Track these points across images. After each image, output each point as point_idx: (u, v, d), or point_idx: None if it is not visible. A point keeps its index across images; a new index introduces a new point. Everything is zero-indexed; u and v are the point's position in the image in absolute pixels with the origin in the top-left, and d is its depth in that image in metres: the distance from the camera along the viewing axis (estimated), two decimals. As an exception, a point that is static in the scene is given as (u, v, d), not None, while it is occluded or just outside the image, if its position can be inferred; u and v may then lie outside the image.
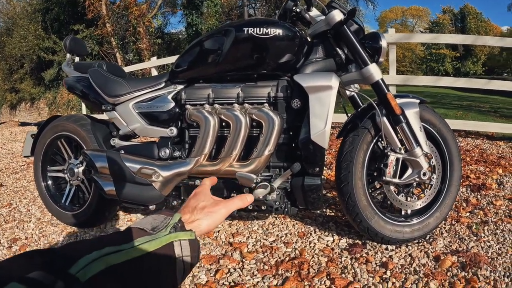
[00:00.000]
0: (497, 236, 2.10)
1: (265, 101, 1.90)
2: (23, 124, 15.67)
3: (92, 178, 2.10)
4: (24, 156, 2.71)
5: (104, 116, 2.41)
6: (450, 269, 1.79)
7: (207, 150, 1.90)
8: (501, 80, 4.95)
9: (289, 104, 1.86)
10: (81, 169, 2.44)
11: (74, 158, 2.51)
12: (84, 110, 10.11)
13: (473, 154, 3.98)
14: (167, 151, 2.04)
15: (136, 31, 14.01)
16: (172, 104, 2.06)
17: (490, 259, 1.86)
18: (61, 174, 2.60)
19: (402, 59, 37.97)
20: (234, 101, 1.93)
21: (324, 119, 1.74)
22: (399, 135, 1.92)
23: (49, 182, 2.65)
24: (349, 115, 2.11)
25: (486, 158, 3.80)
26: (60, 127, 2.47)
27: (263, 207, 1.85)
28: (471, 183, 2.96)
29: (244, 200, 0.80)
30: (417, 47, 39.58)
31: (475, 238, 2.08)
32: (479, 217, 2.35)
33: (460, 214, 2.40)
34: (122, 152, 2.10)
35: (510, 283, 1.68)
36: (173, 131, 2.05)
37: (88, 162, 2.08)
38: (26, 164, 5.20)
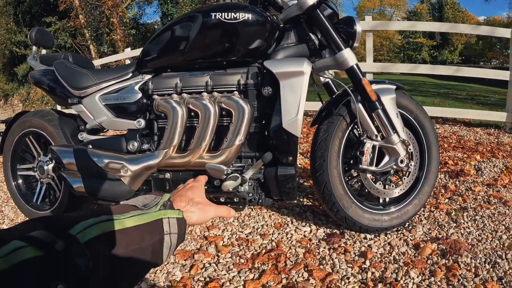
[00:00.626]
0: (476, 222, 2.09)
1: (235, 89, 1.82)
2: (-3, 121, 15.26)
3: (60, 175, 2.03)
4: None
5: (72, 110, 2.31)
6: (430, 257, 1.76)
7: (176, 142, 1.82)
8: (477, 68, 4.99)
9: (260, 91, 1.78)
10: (51, 166, 2.34)
11: (43, 155, 2.41)
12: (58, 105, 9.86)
13: (451, 141, 4.00)
14: (135, 144, 1.96)
15: (109, 22, 13.69)
16: (139, 95, 1.97)
17: (470, 246, 1.84)
18: (31, 172, 2.50)
19: (379, 48, 38.13)
20: (203, 90, 1.84)
21: (296, 106, 1.66)
22: (375, 122, 1.87)
23: (20, 181, 2.55)
24: (324, 102, 2.04)
25: (464, 145, 3.82)
26: (28, 123, 2.38)
27: (235, 199, 1.78)
28: (449, 170, 2.95)
29: (230, 212, 0.84)
30: (394, 36, 39.84)
31: (455, 224, 2.06)
32: (458, 203, 2.34)
33: (439, 201, 2.38)
34: (90, 146, 2.03)
35: (491, 269, 1.65)
36: (141, 123, 1.96)
37: (56, 158, 2.01)
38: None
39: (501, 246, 1.84)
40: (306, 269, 1.70)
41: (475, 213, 2.19)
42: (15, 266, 0.40)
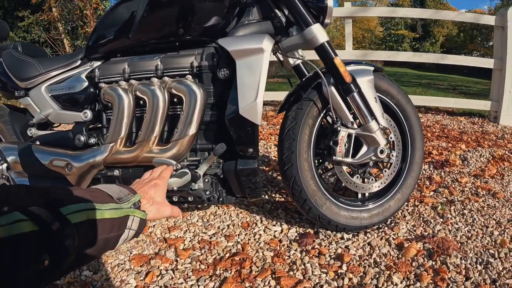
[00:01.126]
0: (465, 216, 1.93)
1: (187, 72, 1.58)
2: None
3: (9, 174, 1.88)
4: None
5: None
6: (415, 258, 1.58)
7: (123, 134, 1.59)
8: (457, 56, 4.91)
9: (216, 74, 1.55)
10: (5, 166, 2.12)
11: None
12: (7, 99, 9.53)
13: (434, 130, 3.87)
14: (82, 138, 1.73)
15: (83, 14, 13.24)
16: (86, 84, 1.75)
17: (459, 244, 1.67)
18: None
19: (361, 40, 38.25)
20: (152, 75, 1.61)
21: (254, 89, 1.44)
22: (351, 107, 1.66)
23: None
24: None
25: (448, 134, 3.71)
26: None
27: (189, 198, 1.56)
28: (433, 160, 2.79)
29: (179, 213, 0.91)
30: (376, 28, 40.16)
31: (441, 220, 1.90)
32: (444, 196, 2.19)
33: (423, 194, 2.22)
34: (37, 143, 1.83)
35: (483, 270, 1.48)
36: (87, 114, 1.74)
37: (2, 157, 1.85)
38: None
39: (493, 243, 1.69)
40: (273, 276, 1.50)
41: (463, 207, 2.04)
42: (13, 236, 0.44)
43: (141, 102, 1.60)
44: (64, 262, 0.51)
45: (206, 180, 1.54)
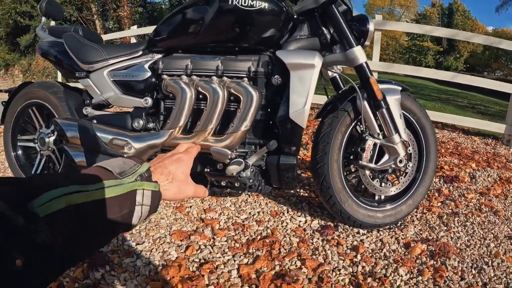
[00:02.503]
0: (466, 228, 2.13)
1: (245, 75, 1.84)
2: (-4, 91, 15.15)
3: (62, 148, 2.02)
4: None
5: (78, 84, 2.30)
6: (419, 256, 1.80)
7: (182, 123, 1.84)
8: (482, 78, 5.00)
9: (269, 80, 1.81)
10: (52, 138, 2.33)
11: (45, 127, 2.39)
12: (59, 78, 9.79)
13: (448, 146, 4.03)
14: (141, 122, 1.97)
15: (117, -3, 13.51)
16: (149, 74, 1.98)
17: (458, 250, 1.88)
18: (31, 144, 2.48)
19: (385, 47, 37.98)
20: (213, 74, 1.86)
21: (304, 97, 1.70)
22: (378, 120, 1.90)
23: (19, 152, 2.52)
24: (329, 96, 2.07)
25: (461, 152, 3.85)
26: (32, 94, 2.35)
27: (236, 184, 1.81)
28: (444, 174, 2.98)
29: (206, 193, 0.80)
30: (401, 36, 39.66)
31: (445, 228, 2.10)
32: (450, 208, 2.38)
33: (431, 204, 2.42)
34: (95, 121, 2.02)
35: (477, 274, 1.70)
36: (148, 101, 1.98)
37: (59, 131, 1.98)
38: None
39: (488, 253, 1.89)
40: (299, 258, 1.74)
41: (465, 219, 2.23)
42: None
43: (201, 96, 1.84)
44: (44, 259, 0.46)
45: (251, 170, 1.79)
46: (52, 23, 2.55)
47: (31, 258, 0.43)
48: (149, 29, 7.58)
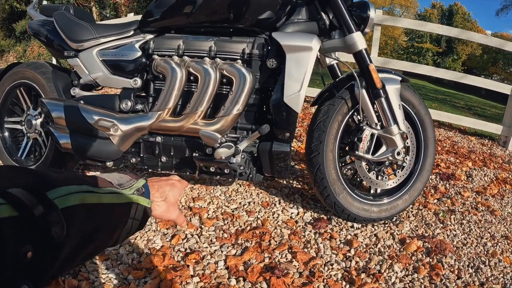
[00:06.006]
0: (463, 226, 2.08)
1: (238, 57, 1.75)
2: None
3: (48, 129, 1.96)
4: None
5: (68, 65, 2.23)
6: (415, 253, 1.75)
7: (172, 104, 1.76)
8: (478, 77, 4.98)
9: (264, 63, 1.72)
10: (39, 121, 2.25)
11: (32, 109, 2.31)
12: (54, 62, 9.66)
13: (445, 145, 3.99)
14: (129, 103, 1.89)
15: (115, -16, 13.36)
16: (139, 53, 1.91)
17: (455, 248, 1.83)
18: (18, 126, 2.39)
19: (384, 47, 37.97)
20: (205, 55, 1.78)
21: (300, 81, 1.61)
22: (376, 110, 1.82)
23: (6, 134, 2.43)
24: (326, 84, 1.99)
25: (457, 150, 3.81)
26: (20, 75, 2.27)
27: (226, 171, 1.73)
28: (441, 172, 2.93)
29: (184, 222, 0.83)
30: (400, 36, 39.75)
31: (441, 225, 2.05)
32: (446, 205, 2.33)
33: (428, 200, 2.36)
34: (82, 102, 1.95)
35: (473, 273, 1.65)
36: (137, 82, 1.90)
37: (45, 111, 1.93)
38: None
39: (485, 252, 1.84)
40: (290, 250, 1.67)
41: (462, 217, 2.18)
42: None
43: (192, 77, 1.76)
44: (52, 255, 0.44)
45: (242, 157, 1.71)
46: (45, 2, 2.46)
47: (41, 253, 0.42)
48: (146, 17, 7.44)
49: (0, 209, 0.38)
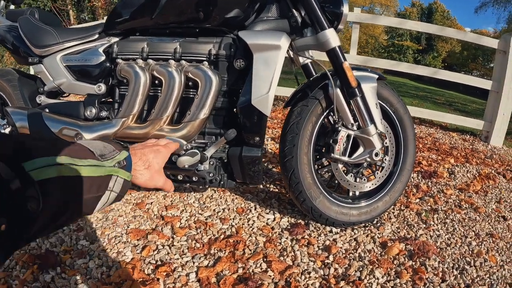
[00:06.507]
0: (446, 225, 2.03)
1: (205, 59, 1.67)
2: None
3: None
4: None
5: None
6: (397, 257, 1.68)
7: (136, 110, 1.67)
8: (459, 74, 5.01)
9: (232, 64, 1.64)
10: (7, 130, 2.15)
11: (1, 118, 2.21)
12: (32, 70, 9.44)
13: (426, 142, 3.97)
14: (94, 110, 1.80)
15: (91, -13, 13.17)
16: (103, 58, 1.82)
17: (439, 249, 1.78)
18: None
19: (364, 45, 38.25)
20: (170, 57, 1.69)
21: (268, 82, 1.53)
22: (352, 110, 1.75)
23: None
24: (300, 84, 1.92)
25: (439, 147, 3.79)
26: None
27: (194, 178, 1.64)
28: (422, 170, 2.89)
29: (172, 188, 0.82)
30: (380, 35, 40.11)
31: (424, 226, 1.99)
32: (429, 204, 2.28)
33: (409, 200, 2.31)
34: (47, 110, 1.86)
35: (458, 275, 1.58)
36: (102, 88, 1.80)
37: (9, 121, 1.85)
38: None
39: (470, 252, 1.79)
40: (265, 259, 1.59)
41: (445, 216, 2.13)
42: None
43: (157, 82, 1.67)
44: (26, 228, 0.44)
45: (211, 163, 1.62)
46: (12, 6, 2.36)
47: (14, 224, 0.42)
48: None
49: None
